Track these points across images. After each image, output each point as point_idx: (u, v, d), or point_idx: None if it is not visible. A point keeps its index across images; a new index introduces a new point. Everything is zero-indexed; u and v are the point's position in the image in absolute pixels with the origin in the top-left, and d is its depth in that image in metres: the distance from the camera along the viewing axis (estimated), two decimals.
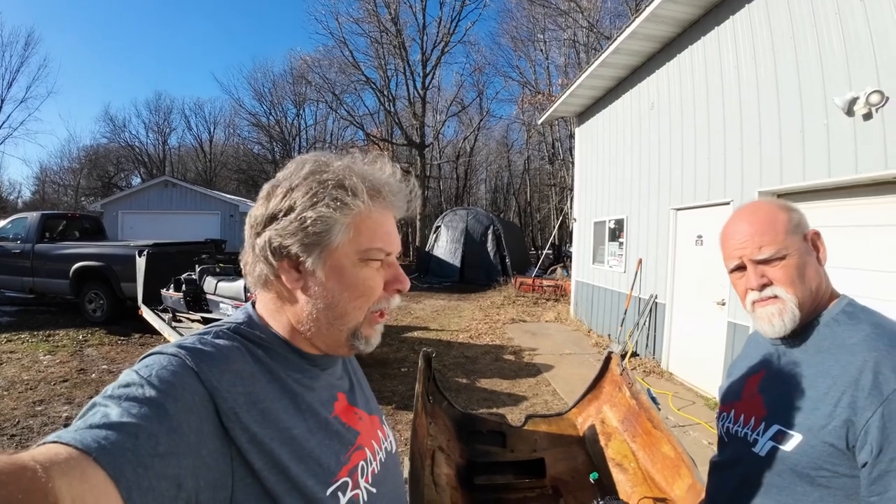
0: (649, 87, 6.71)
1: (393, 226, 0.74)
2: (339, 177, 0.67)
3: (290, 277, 0.68)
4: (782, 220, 0.94)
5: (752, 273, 0.95)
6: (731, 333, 4.68)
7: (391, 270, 0.73)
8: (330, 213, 0.65)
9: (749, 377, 1.06)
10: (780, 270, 0.93)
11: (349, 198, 0.66)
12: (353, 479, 0.68)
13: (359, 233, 0.68)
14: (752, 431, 0.96)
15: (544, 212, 31.35)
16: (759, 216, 0.96)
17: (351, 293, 0.68)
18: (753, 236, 0.94)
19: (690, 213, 5.67)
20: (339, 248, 0.67)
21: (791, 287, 0.92)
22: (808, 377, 0.89)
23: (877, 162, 3.28)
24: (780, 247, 0.92)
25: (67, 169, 32.82)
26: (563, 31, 23.95)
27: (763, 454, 0.91)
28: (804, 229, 0.95)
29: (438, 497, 1.82)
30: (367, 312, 0.70)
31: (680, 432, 4.07)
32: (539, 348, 7.14)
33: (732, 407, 1.06)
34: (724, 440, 1.07)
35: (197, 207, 16.85)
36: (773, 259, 0.93)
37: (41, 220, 8.56)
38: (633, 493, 1.93)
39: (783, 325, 0.93)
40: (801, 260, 0.92)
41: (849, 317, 0.91)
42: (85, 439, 0.44)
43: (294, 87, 32.07)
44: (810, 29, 3.84)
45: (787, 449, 0.87)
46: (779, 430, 0.89)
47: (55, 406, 4.38)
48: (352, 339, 0.71)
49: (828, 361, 0.87)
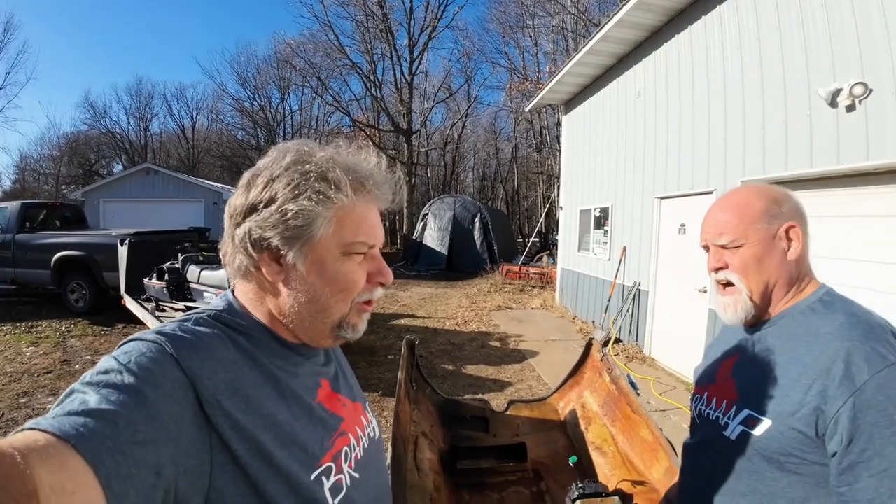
0: (636, 75, 6.73)
1: (377, 218, 0.73)
2: (321, 168, 0.66)
3: (270, 270, 0.67)
4: (754, 208, 0.94)
5: (711, 255, 1.00)
6: (711, 320, 4.78)
7: (374, 263, 0.73)
8: (312, 207, 0.64)
9: (723, 361, 1.07)
10: (735, 257, 0.95)
11: (332, 191, 0.65)
12: (336, 465, 0.68)
13: (341, 226, 0.67)
14: (723, 415, 0.97)
15: (531, 200, 31.44)
16: (731, 202, 0.98)
17: (332, 287, 0.68)
18: (718, 222, 0.97)
19: (674, 201, 5.74)
20: (320, 241, 0.66)
21: (744, 276, 0.95)
22: (781, 364, 0.89)
23: (858, 153, 3.33)
24: (737, 235, 0.94)
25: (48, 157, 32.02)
26: (551, 18, 23.84)
27: (733, 438, 0.92)
28: (780, 220, 0.94)
29: (421, 481, 1.85)
30: (351, 305, 0.70)
31: (661, 416, 4.17)
32: (525, 335, 7.22)
33: (706, 390, 1.07)
34: (696, 422, 1.09)
35: (180, 195, 16.58)
36: (730, 246, 0.95)
37: (21, 210, 8.38)
38: (612, 476, 1.98)
39: (736, 315, 0.98)
40: (759, 250, 0.93)
41: (825, 306, 0.91)
42: (63, 426, 0.43)
43: (278, 72, 31.51)
44: (796, 20, 3.86)
45: (757, 434, 0.88)
46: (749, 415, 0.90)
47: (39, 398, 4.34)
48: (337, 329, 0.71)
49: (800, 349, 0.87)
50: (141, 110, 34.66)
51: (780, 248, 0.94)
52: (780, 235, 0.94)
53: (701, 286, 5.01)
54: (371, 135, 24.16)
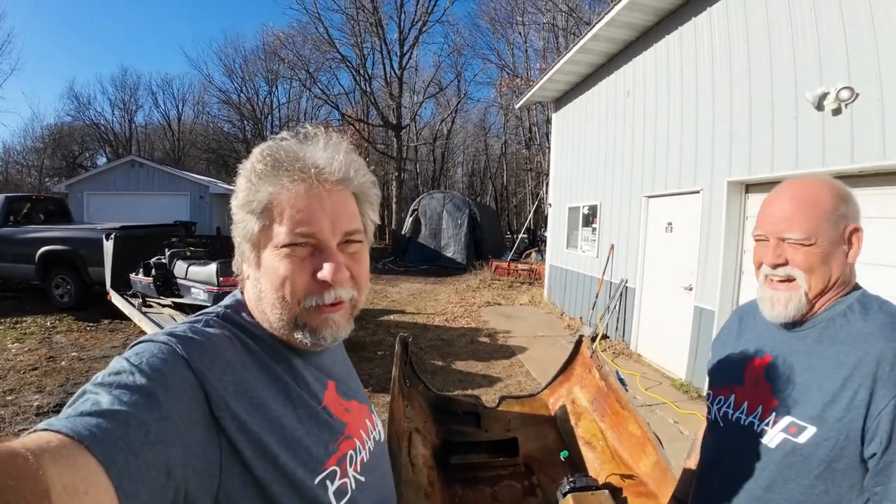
0: (626, 74, 6.79)
1: (314, 201, 0.65)
2: (251, 161, 0.66)
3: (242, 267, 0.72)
4: (824, 206, 0.90)
5: (771, 249, 0.94)
6: (697, 317, 4.87)
7: (321, 258, 0.66)
8: (241, 201, 0.66)
9: (751, 360, 1.02)
10: (801, 254, 0.90)
11: (253, 181, 0.65)
12: (341, 468, 0.68)
13: (271, 219, 0.65)
14: (759, 421, 0.93)
15: (520, 196, 31.53)
16: (799, 194, 0.93)
17: (271, 284, 0.66)
18: (787, 215, 0.92)
19: (661, 200, 5.82)
20: (257, 235, 0.66)
21: (808, 273, 0.90)
22: (824, 368, 0.87)
23: (843, 156, 3.39)
24: (809, 233, 0.89)
25: (31, 149, 31.16)
26: (542, 15, 23.81)
27: (773, 446, 0.89)
28: (846, 221, 0.90)
29: (415, 477, 1.88)
30: (300, 307, 0.66)
31: (647, 411, 4.25)
32: (513, 331, 7.27)
33: (732, 391, 1.02)
34: (720, 425, 1.03)
35: (165, 188, 16.30)
36: (798, 242, 0.90)
37: (5, 203, 8.23)
38: (602, 470, 2.03)
39: (786, 311, 0.93)
40: (827, 250, 0.89)
41: (863, 307, 0.89)
42: (76, 427, 0.43)
43: (266, 64, 31.04)
44: (785, 24, 3.92)
45: (801, 441, 0.85)
46: (791, 423, 0.87)
47: (26, 395, 4.28)
48: (295, 331, 0.67)
49: (844, 352, 0.85)
50: (126, 102, 33.93)
51: (842, 251, 0.91)
52: (844, 238, 0.90)
53: (687, 283, 5.10)
54: (360, 129, 24.03)
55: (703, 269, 4.83)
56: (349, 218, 0.69)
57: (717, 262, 4.60)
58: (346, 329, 0.71)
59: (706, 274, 4.77)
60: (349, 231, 0.68)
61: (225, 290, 4.69)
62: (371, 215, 0.75)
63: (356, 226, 0.70)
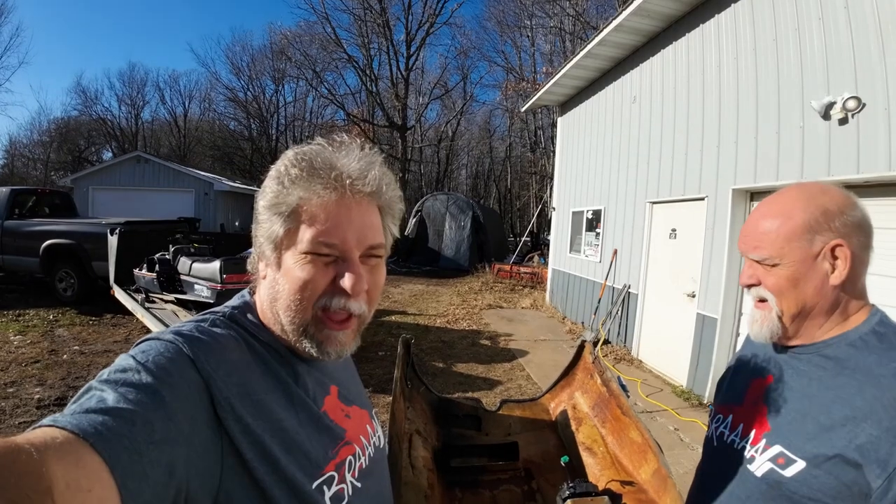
0: (633, 80, 6.78)
1: (343, 211, 0.65)
2: (284, 164, 0.66)
3: (258, 267, 0.72)
4: (795, 222, 0.82)
5: (744, 269, 0.91)
6: (699, 324, 4.86)
7: (343, 267, 0.66)
8: (270, 201, 0.66)
9: (752, 380, 0.96)
10: (771, 276, 0.85)
11: (285, 186, 0.65)
12: (339, 474, 0.68)
13: (297, 223, 0.65)
14: (750, 446, 0.88)
15: (524, 199, 31.51)
16: (774, 209, 0.86)
17: (290, 286, 0.65)
18: (756, 232, 0.87)
19: (666, 206, 5.81)
20: (283, 240, 0.66)
21: (777, 296, 0.85)
22: (824, 400, 0.79)
23: (849, 166, 3.39)
24: (772, 253, 0.84)
25: (37, 142, 31.39)
26: (549, 19, 23.84)
27: (759, 475, 0.84)
28: (826, 237, 0.81)
29: (415, 479, 1.88)
30: (314, 308, 0.66)
31: (647, 418, 4.24)
32: (515, 334, 7.27)
33: (731, 411, 0.98)
34: (714, 444, 1.00)
35: (170, 184, 16.37)
36: (763, 263, 0.86)
37: (10, 196, 8.26)
38: (602, 476, 2.02)
39: (761, 331, 0.89)
40: (795, 272, 0.83)
41: (879, 339, 0.80)
42: (81, 424, 0.43)
43: (273, 63, 31.24)
44: (792, 33, 3.92)
45: (787, 475, 0.79)
46: (780, 453, 0.82)
47: (27, 388, 4.30)
48: (302, 337, 0.67)
49: (849, 388, 0.77)
50: (133, 97, 34.16)
51: (821, 270, 0.82)
52: (823, 255, 0.81)
53: (690, 290, 5.08)
54: (365, 129, 24.08)
55: (706, 276, 4.82)
56: (374, 231, 0.69)
57: (720, 270, 4.59)
58: (352, 346, 0.72)
59: (709, 281, 4.76)
60: (373, 245, 0.68)
61: (228, 288, 4.70)
62: (392, 229, 0.75)
63: (379, 240, 0.70)
